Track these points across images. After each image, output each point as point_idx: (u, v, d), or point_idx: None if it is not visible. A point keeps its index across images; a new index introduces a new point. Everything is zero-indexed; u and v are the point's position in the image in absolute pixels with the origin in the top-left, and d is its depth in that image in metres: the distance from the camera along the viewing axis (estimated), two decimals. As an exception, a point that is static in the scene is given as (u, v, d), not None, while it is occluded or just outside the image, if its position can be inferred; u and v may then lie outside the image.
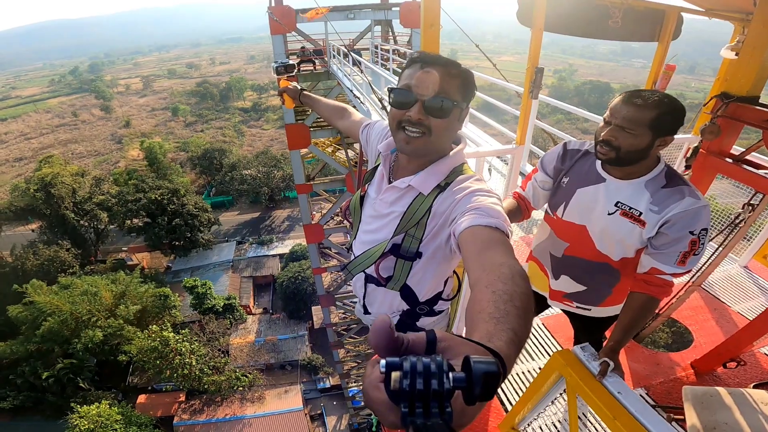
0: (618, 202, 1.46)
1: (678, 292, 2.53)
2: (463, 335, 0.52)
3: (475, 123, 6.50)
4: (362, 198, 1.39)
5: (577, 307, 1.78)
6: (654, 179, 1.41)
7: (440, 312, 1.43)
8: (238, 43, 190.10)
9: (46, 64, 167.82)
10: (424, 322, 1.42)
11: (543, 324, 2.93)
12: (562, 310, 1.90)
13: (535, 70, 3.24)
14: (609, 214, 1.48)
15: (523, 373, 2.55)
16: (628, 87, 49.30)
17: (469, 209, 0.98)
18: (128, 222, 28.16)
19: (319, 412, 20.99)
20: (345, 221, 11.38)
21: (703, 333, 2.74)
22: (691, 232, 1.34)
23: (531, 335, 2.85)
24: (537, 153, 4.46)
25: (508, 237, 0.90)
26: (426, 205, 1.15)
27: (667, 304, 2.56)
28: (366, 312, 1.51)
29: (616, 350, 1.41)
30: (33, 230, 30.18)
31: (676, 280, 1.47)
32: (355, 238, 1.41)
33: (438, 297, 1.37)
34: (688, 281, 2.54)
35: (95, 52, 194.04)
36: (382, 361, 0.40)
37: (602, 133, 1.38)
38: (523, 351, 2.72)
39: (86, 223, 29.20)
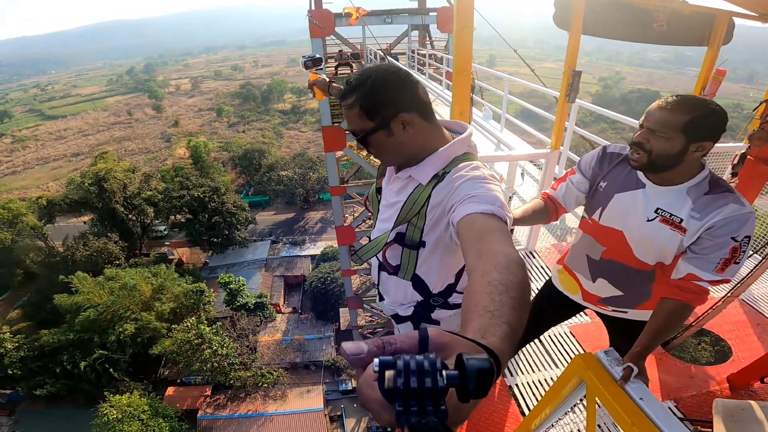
0: (658, 209, 1.41)
1: (715, 303, 2.40)
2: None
3: (512, 130, 6.40)
4: (379, 190, 1.43)
5: (613, 310, 1.73)
6: (697, 186, 1.36)
7: (457, 305, 1.41)
8: (280, 47, 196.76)
9: (106, 63, 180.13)
10: (441, 314, 1.41)
11: (571, 332, 2.84)
12: (597, 313, 1.85)
13: (572, 74, 3.16)
14: (648, 220, 1.44)
15: (545, 380, 2.48)
16: (678, 97, 47.42)
17: (466, 197, 0.98)
18: (172, 217, 29.46)
19: (339, 413, 21.02)
20: (367, 210, 11.49)
21: (742, 347, 2.57)
22: (734, 239, 1.28)
23: (557, 343, 2.77)
24: (574, 159, 4.34)
25: (506, 224, 0.90)
26: (425, 195, 1.15)
27: (703, 314, 2.43)
28: (381, 299, 1.54)
29: (642, 356, 1.36)
30: (85, 222, 31.97)
31: (714, 291, 1.41)
32: (374, 227, 1.45)
33: (451, 289, 1.36)
34: (727, 293, 2.40)
35: (150, 52, 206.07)
36: (376, 360, 0.40)
37: (634, 136, 1.37)
38: (548, 359, 2.65)
39: (134, 218, 30.69)
